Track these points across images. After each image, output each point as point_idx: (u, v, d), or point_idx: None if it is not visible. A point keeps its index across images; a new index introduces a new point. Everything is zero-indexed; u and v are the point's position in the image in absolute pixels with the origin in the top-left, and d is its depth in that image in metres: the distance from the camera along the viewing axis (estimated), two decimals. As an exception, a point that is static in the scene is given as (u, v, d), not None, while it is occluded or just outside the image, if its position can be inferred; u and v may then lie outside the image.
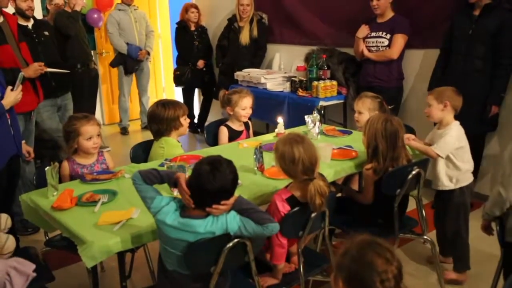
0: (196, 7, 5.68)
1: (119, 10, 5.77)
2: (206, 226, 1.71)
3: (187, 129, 2.91)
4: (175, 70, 5.84)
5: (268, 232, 1.76)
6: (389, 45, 3.85)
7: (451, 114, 2.64)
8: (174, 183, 1.79)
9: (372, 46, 3.94)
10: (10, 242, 2.03)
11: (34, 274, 1.61)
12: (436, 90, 2.73)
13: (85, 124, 2.53)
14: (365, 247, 1.22)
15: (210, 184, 1.67)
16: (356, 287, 1.20)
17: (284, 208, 1.99)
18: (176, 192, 2.00)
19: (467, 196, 2.69)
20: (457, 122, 2.64)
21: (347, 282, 1.21)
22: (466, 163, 2.66)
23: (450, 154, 2.60)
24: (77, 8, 4.91)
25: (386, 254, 1.20)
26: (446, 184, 2.65)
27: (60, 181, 2.39)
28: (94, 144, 2.55)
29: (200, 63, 5.71)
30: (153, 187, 1.81)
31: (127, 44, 5.71)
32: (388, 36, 3.84)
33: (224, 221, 1.74)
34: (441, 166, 2.64)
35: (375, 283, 1.16)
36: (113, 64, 5.86)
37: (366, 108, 2.97)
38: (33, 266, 1.63)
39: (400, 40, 3.80)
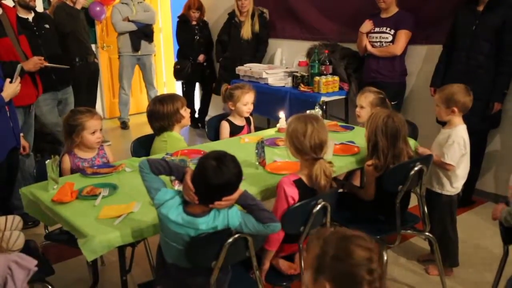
0: (198, 8, 5.61)
1: (122, 3, 5.76)
2: (208, 222, 1.69)
3: (189, 120, 2.89)
4: (175, 64, 5.82)
5: (270, 231, 1.76)
6: (392, 41, 3.82)
7: (459, 116, 2.63)
8: (183, 177, 1.74)
9: (376, 42, 3.91)
10: (20, 240, 2.07)
11: (36, 269, 1.61)
12: (444, 91, 2.66)
13: (90, 118, 2.53)
14: (341, 242, 1.19)
15: (217, 179, 1.64)
16: (345, 285, 1.17)
17: (292, 191, 2.00)
18: (177, 186, 1.98)
19: (454, 198, 2.70)
20: (464, 126, 2.62)
21: (333, 282, 1.17)
22: (464, 169, 2.66)
23: None
24: (78, 7, 4.90)
25: (365, 243, 1.18)
26: (444, 188, 2.66)
27: (61, 174, 2.38)
28: (97, 138, 2.56)
29: (201, 57, 5.69)
30: (160, 178, 1.78)
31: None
32: (392, 31, 3.82)
33: (226, 215, 1.72)
34: (442, 170, 2.64)
35: (363, 276, 1.14)
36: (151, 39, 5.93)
37: (368, 103, 2.95)
38: (35, 262, 1.62)
39: (404, 36, 3.78)
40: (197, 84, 6.09)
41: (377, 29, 3.90)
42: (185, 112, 2.81)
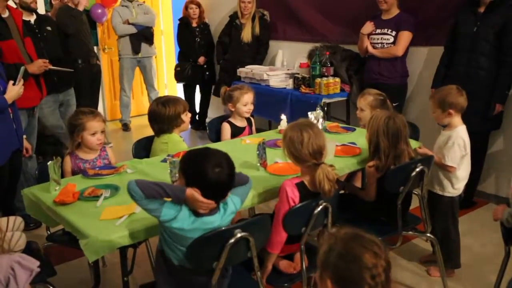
0: (196, 3, 5.66)
1: (122, 6, 5.79)
2: (221, 217, 1.75)
3: (189, 125, 2.90)
4: (176, 66, 5.83)
5: (251, 185, 1.92)
6: (394, 42, 3.83)
7: (458, 117, 2.63)
8: (184, 201, 1.71)
9: (377, 43, 3.92)
10: (22, 241, 2.08)
11: (38, 269, 1.61)
12: (437, 96, 2.68)
13: (91, 119, 2.53)
14: (350, 242, 1.16)
15: (228, 177, 1.71)
16: (346, 285, 1.14)
17: (293, 193, 2.01)
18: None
19: (455, 199, 2.70)
20: (464, 127, 2.63)
21: (335, 280, 1.14)
22: (464, 170, 2.66)
23: None
24: (80, 8, 4.92)
25: (373, 247, 1.14)
26: (446, 189, 2.66)
27: (62, 175, 2.38)
28: (98, 140, 2.55)
29: (201, 60, 5.70)
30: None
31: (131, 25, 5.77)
32: (394, 33, 3.82)
33: (232, 202, 1.79)
34: (443, 171, 2.64)
35: (365, 279, 1.11)
36: (151, 42, 5.93)
37: (368, 106, 2.95)
38: (37, 263, 1.63)
39: (405, 37, 3.78)
40: (198, 86, 6.10)
41: (378, 31, 3.91)
42: (186, 117, 2.81)
